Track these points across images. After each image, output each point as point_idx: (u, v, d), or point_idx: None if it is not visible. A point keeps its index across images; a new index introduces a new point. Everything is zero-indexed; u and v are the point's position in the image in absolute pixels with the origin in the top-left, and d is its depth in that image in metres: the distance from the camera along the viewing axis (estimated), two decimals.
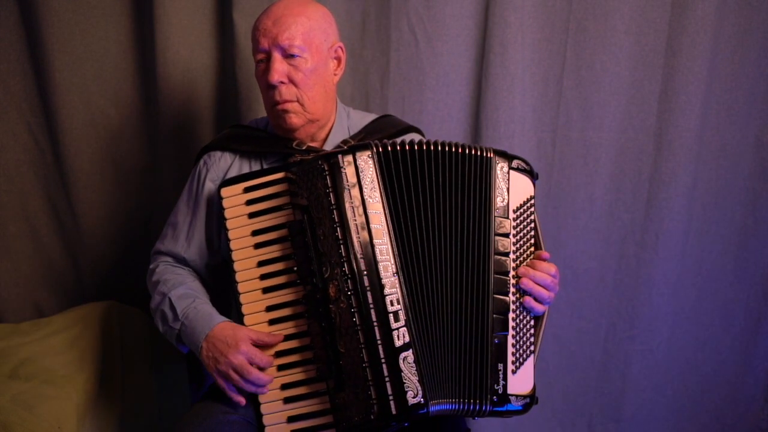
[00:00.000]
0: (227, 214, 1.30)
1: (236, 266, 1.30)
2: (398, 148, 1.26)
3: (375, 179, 1.24)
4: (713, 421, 2.16)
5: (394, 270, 1.23)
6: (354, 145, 1.28)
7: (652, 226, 1.97)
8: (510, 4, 1.76)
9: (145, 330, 1.70)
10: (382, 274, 1.22)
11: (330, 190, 1.22)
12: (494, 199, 1.28)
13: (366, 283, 1.21)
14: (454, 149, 1.28)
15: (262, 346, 1.27)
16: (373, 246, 1.22)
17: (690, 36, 1.83)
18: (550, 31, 1.85)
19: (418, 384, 1.21)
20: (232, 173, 1.41)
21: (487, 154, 1.29)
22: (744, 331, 2.11)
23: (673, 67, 1.87)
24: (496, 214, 1.28)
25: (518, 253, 1.30)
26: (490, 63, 1.80)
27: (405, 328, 1.21)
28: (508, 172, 1.30)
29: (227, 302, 1.49)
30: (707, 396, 2.14)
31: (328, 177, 1.22)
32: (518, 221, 1.30)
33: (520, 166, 1.32)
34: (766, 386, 2.16)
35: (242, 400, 1.28)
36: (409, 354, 1.21)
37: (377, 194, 1.23)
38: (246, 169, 1.42)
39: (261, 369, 1.25)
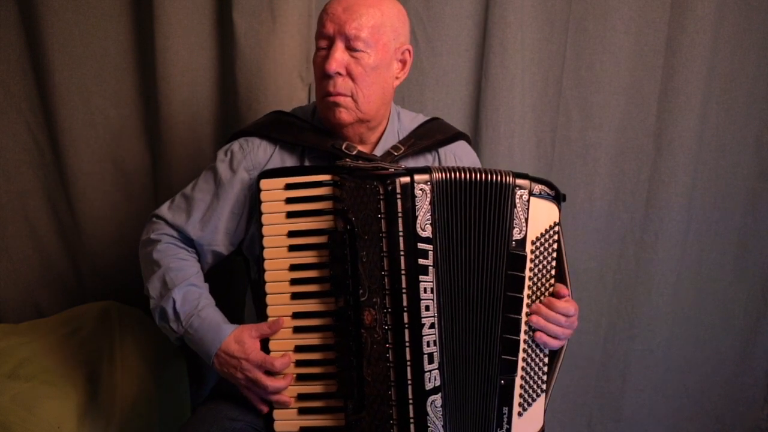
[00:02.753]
0: (264, 208, 1.23)
1: (267, 265, 1.24)
2: (455, 176, 1.18)
3: (429, 210, 1.16)
4: (713, 421, 2.16)
5: (435, 310, 1.17)
6: (413, 168, 1.19)
7: (651, 226, 1.97)
8: (510, 4, 1.76)
9: (145, 330, 1.70)
10: (423, 313, 1.15)
11: (382, 216, 1.14)
12: (511, 231, 1.19)
13: (405, 320, 1.15)
14: (484, 177, 1.19)
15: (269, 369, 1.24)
16: (418, 282, 1.15)
17: (689, 36, 1.84)
18: (550, 31, 1.85)
19: (441, 429, 1.18)
20: (272, 166, 1.33)
21: (505, 179, 1.19)
22: (744, 331, 2.11)
23: (672, 67, 1.87)
24: (511, 248, 1.19)
25: (534, 288, 1.23)
26: (490, 63, 1.80)
27: (437, 371, 1.17)
28: (528, 200, 1.20)
29: (225, 294, 1.48)
30: (707, 396, 2.14)
31: (382, 201, 1.14)
32: (537, 252, 1.22)
33: (542, 192, 1.22)
34: (766, 386, 2.16)
35: (264, 408, 1.26)
36: (437, 398, 1.17)
37: (429, 227, 1.16)
38: (288, 164, 1.34)
39: (277, 373, 1.24)
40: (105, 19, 1.76)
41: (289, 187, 1.23)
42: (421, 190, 1.16)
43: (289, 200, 1.23)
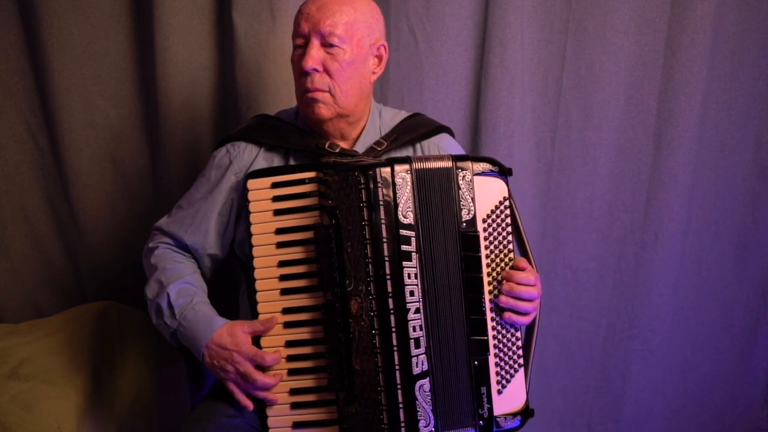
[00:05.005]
0: (252, 207, 1.27)
1: (256, 263, 1.26)
2: (427, 165, 1.21)
3: (410, 197, 1.19)
4: (713, 421, 2.16)
5: (420, 295, 1.19)
6: (393, 158, 1.23)
7: (651, 226, 1.97)
8: (510, 4, 1.76)
9: (145, 330, 1.69)
10: (408, 298, 1.18)
11: (364, 204, 1.17)
12: (460, 213, 1.22)
13: (390, 305, 1.18)
14: (432, 164, 1.22)
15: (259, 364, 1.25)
16: (401, 268, 1.18)
17: (689, 36, 1.84)
18: (550, 31, 1.85)
19: (431, 413, 1.19)
20: (256, 168, 1.35)
21: (446, 163, 1.22)
22: (744, 331, 2.12)
23: (672, 67, 1.87)
24: (462, 229, 1.22)
25: (494, 265, 1.25)
26: (490, 63, 1.80)
27: (425, 356, 1.19)
28: (472, 180, 1.23)
29: (225, 296, 1.48)
30: (707, 396, 2.14)
31: (363, 191, 1.17)
32: (491, 229, 1.24)
33: (485, 170, 1.24)
34: (765, 386, 2.16)
35: (250, 405, 1.26)
36: (425, 382, 1.19)
37: (411, 214, 1.19)
38: (272, 165, 1.37)
39: (268, 368, 1.24)
40: (105, 19, 1.76)
41: (275, 185, 1.26)
42: (401, 178, 1.19)
43: (276, 198, 1.26)
